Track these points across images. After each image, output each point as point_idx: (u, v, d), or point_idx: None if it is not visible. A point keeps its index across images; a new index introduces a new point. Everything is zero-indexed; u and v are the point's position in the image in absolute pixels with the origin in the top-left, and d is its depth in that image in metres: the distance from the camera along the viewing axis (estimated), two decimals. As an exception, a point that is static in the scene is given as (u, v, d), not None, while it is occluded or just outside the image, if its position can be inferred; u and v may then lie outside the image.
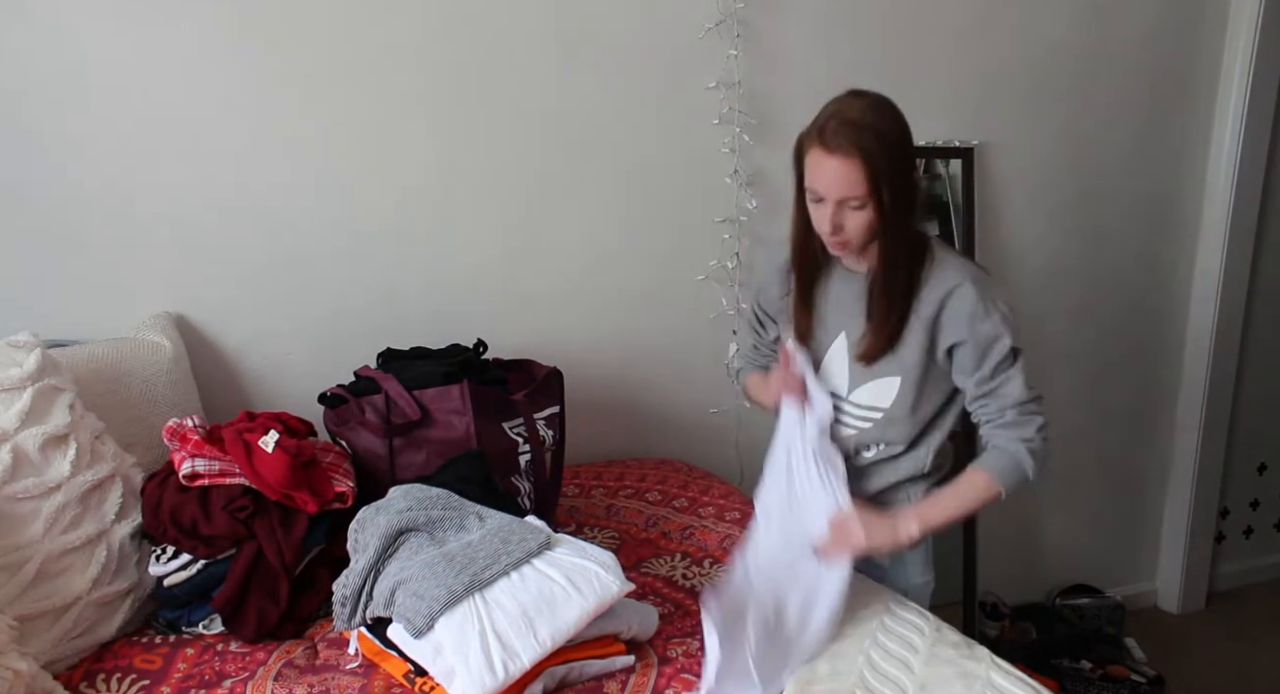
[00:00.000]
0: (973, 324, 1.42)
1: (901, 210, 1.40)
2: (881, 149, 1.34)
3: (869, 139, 1.34)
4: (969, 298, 1.42)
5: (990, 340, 1.42)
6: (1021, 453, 1.43)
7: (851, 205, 1.38)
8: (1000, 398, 1.44)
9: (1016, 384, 1.43)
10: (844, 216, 1.39)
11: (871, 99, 1.40)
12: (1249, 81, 2.56)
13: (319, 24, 1.85)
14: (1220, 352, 2.76)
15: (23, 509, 1.36)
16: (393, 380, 1.66)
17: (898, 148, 1.37)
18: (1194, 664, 2.67)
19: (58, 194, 1.76)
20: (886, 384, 1.51)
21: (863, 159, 1.34)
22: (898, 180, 1.37)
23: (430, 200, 2.00)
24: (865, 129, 1.34)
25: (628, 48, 2.06)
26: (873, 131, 1.34)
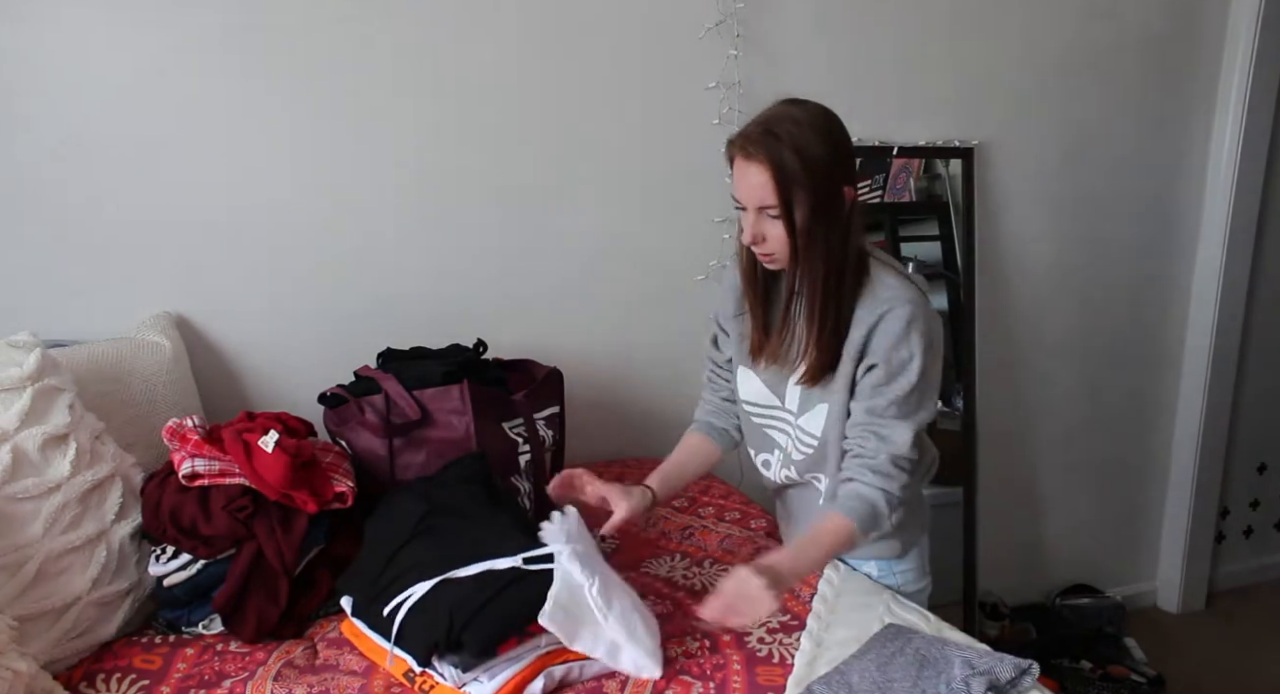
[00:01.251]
0: (891, 350, 1.36)
1: (821, 224, 1.33)
2: (797, 157, 1.29)
3: (783, 146, 1.29)
4: (898, 321, 1.35)
5: (898, 370, 1.36)
6: (881, 505, 1.37)
7: (770, 214, 1.33)
8: (884, 441, 1.37)
9: (905, 434, 1.37)
10: (764, 226, 1.35)
11: (803, 108, 1.35)
12: (1249, 81, 2.56)
13: (319, 25, 1.85)
14: (1220, 352, 2.76)
15: (23, 509, 1.36)
16: (393, 380, 1.66)
17: (818, 159, 1.30)
18: (1194, 664, 2.67)
19: (58, 194, 1.77)
20: (818, 411, 1.47)
21: (772, 166, 1.29)
22: (817, 192, 1.31)
23: (430, 200, 2.00)
24: (782, 137, 1.30)
25: (628, 48, 2.06)
26: (790, 139, 1.29)
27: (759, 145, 1.31)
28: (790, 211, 1.32)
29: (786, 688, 1.26)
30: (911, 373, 1.36)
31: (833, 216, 1.34)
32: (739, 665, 1.32)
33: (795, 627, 1.43)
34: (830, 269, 1.37)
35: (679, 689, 1.27)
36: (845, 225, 1.36)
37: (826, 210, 1.33)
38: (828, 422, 1.45)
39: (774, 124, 1.32)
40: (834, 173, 1.33)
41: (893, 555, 1.56)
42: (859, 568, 1.59)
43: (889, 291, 1.38)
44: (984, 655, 1.25)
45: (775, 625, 1.43)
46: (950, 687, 1.19)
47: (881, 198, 2.36)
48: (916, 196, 2.40)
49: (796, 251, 1.35)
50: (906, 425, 1.38)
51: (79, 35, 1.73)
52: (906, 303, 1.36)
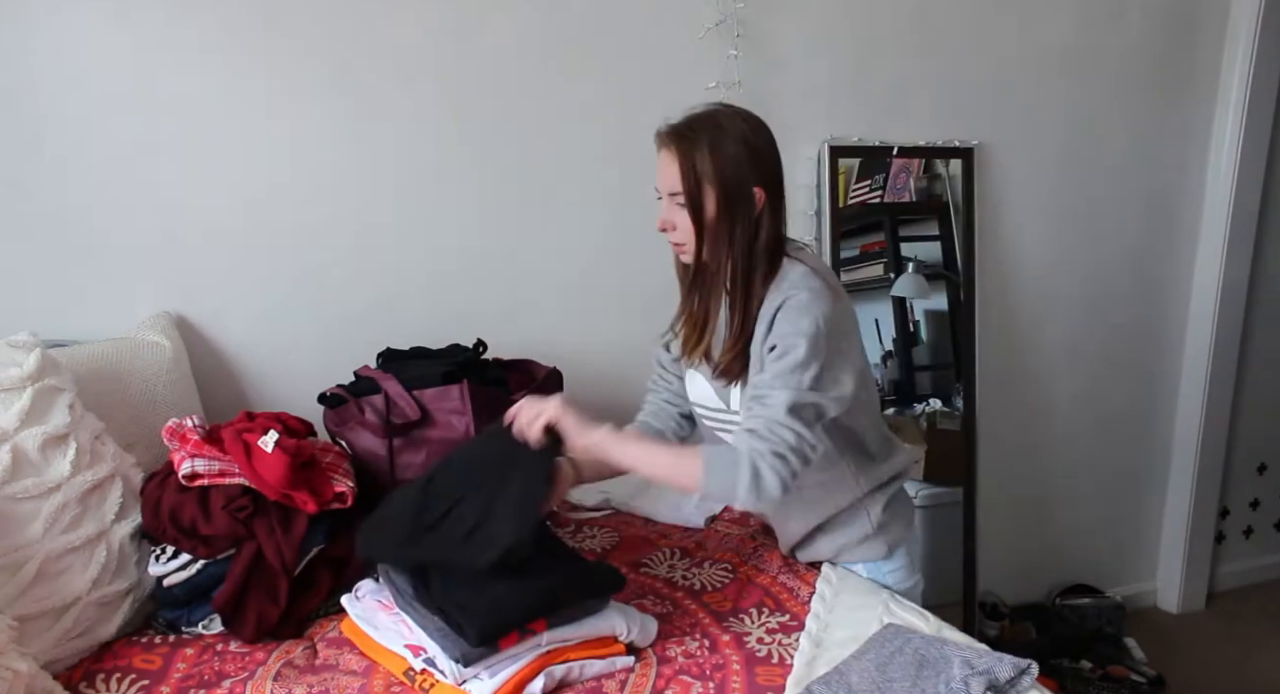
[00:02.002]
0: (785, 332, 1.34)
1: (726, 220, 1.37)
2: (708, 153, 1.34)
3: (698, 141, 1.35)
4: (794, 305, 1.34)
5: (787, 348, 1.33)
6: (745, 466, 1.28)
7: (678, 203, 1.38)
8: (764, 406, 1.32)
9: (783, 401, 1.30)
10: (674, 214, 1.40)
11: (729, 109, 1.40)
12: (1249, 81, 2.56)
13: (319, 25, 1.85)
14: (1220, 351, 2.76)
15: (23, 509, 1.36)
16: (392, 380, 1.66)
17: (729, 157, 1.35)
18: (1194, 664, 2.67)
19: (58, 194, 1.77)
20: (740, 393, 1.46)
21: (682, 157, 1.35)
22: (725, 188, 1.35)
23: (430, 200, 2.00)
24: (699, 132, 1.36)
25: (628, 48, 2.07)
26: (706, 136, 1.35)
27: (675, 137, 1.38)
28: (696, 203, 1.37)
29: (786, 688, 1.26)
30: (799, 349, 1.32)
31: (739, 214, 1.37)
32: (738, 665, 1.32)
33: (795, 627, 1.43)
34: (735, 266, 1.40)
35: (679, 689, 1.27)
36: (753, 225, 1.39)
37: (732, 208, 1.37)
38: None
39: (696, 120, 1.38)
40: (744, 173, 1.36)
41: (879, 557, 1.56)
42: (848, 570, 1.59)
43: (788, 282, 1.38)
44: (983, 655, 1.25)
45: (775, 626, 1.44)
46: (949, 686, 1.19)
47: (881, 198, 2.36)
48: (916, 196, 2.40)
49: (700, 244, 1.40)
50: (787, 394, 1.31)
51: (79, 35, 1.73)
52: (803, 289, 1.35)
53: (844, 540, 1.56)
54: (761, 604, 1.51)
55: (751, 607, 1.50)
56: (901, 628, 1.36)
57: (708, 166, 1.35)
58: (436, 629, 1.26)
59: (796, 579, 1.58)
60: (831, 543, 1.57)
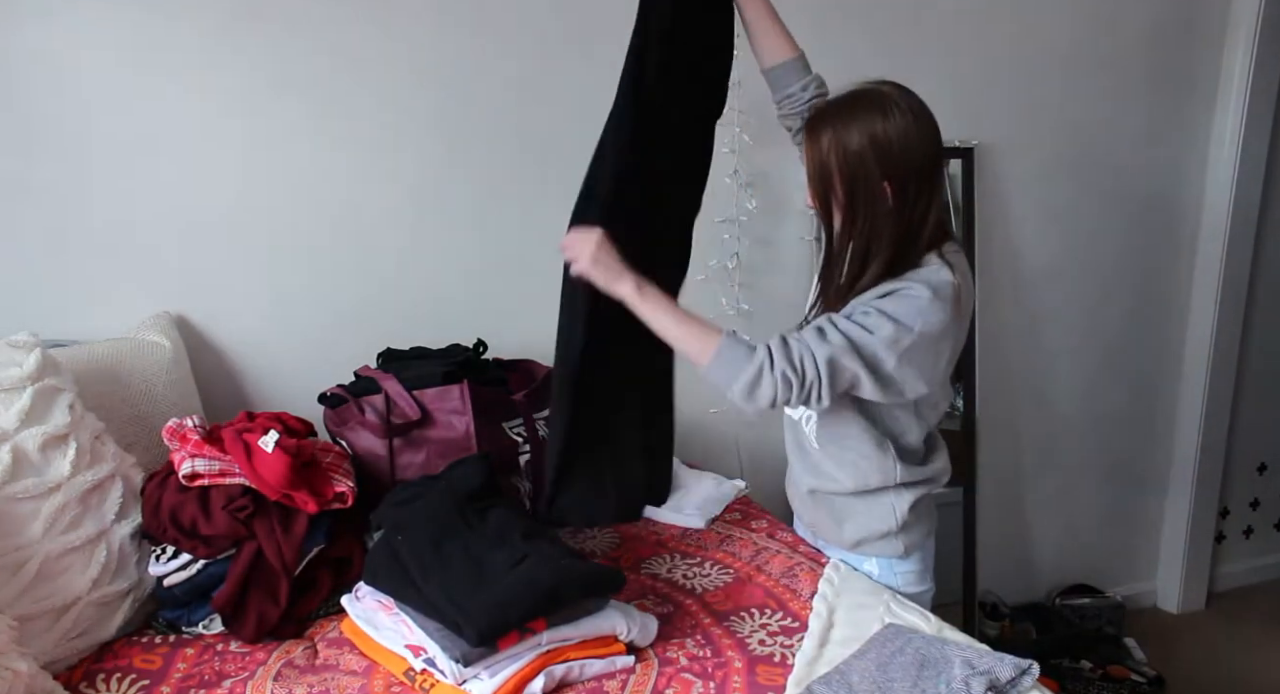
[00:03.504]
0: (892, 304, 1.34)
1: (849, 208, 1.39)
2: (831, 142, 1.37)
3: (823, 128, 1.39)
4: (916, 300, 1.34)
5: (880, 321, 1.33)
6: (753, 365, 1.32)
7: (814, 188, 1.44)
8: (817, 335, 1.35)
9: (831, 346, 1.32)
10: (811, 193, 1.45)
11: (875, 96, 1.39)
12: (1249, 81, 2.56)
13: (319, 25, 1.85)
14: (1220, 351, 2.76)
15: (23, 509, 1.36)
16: (392, 380, 1.66)
17: (855, 150, 1.35)
18: (1194, 664, 2.67)
19: (58, 194, 1.77)
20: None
21: (808, 142, 1.41)
22: (846, 179, 1.37)
23: (430, 200, 2.00)
24: (830, 119, 1.39)
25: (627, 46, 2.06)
26: (834, 124, 1.38)
27: (808, 126, 1.43)
28: (819, 190, 1.42)
29: (786, 688, 1.26)
30: (884, 330, 1.33)
31: (859, 206, 1.39)
32: (739, 665, 1.32)
33: (796, 627, 1.43)
34: (855, 253, 1.41)
35: (679, 689, 1.27)
36: (877, 218, 1.38)
37: (853, 199, 1.39)
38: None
39: (831, 109, 1.41)
40: (867, 168, 1.36)
41: (895, 554, 1.56)
42: (859, 565, 1.59)
43: (922, 274, 1.38)
44: (984, 655, 1.25)
45: (776, 627, 1.44)
46: (950, 686, 1.19)
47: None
48: (916, 196, 2.39)
49: (830, 224, 1.45)
50: (840, 345, 1.33)
51: (80, 35, 1.73)
52: (928, 290, 1.35)
53: (865, 532, 1.56)
54: (763, 604, 1.51)
55: (752, 607, 1.50)
56: (902, 628, 1.36)
57: (830, 158, 1.38)
58: (436, 629, 1.26)
59: (798, 580, 1.58)
60: (854, 530, 1.57)
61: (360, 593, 1.42)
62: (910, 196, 1.38)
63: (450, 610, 1.24)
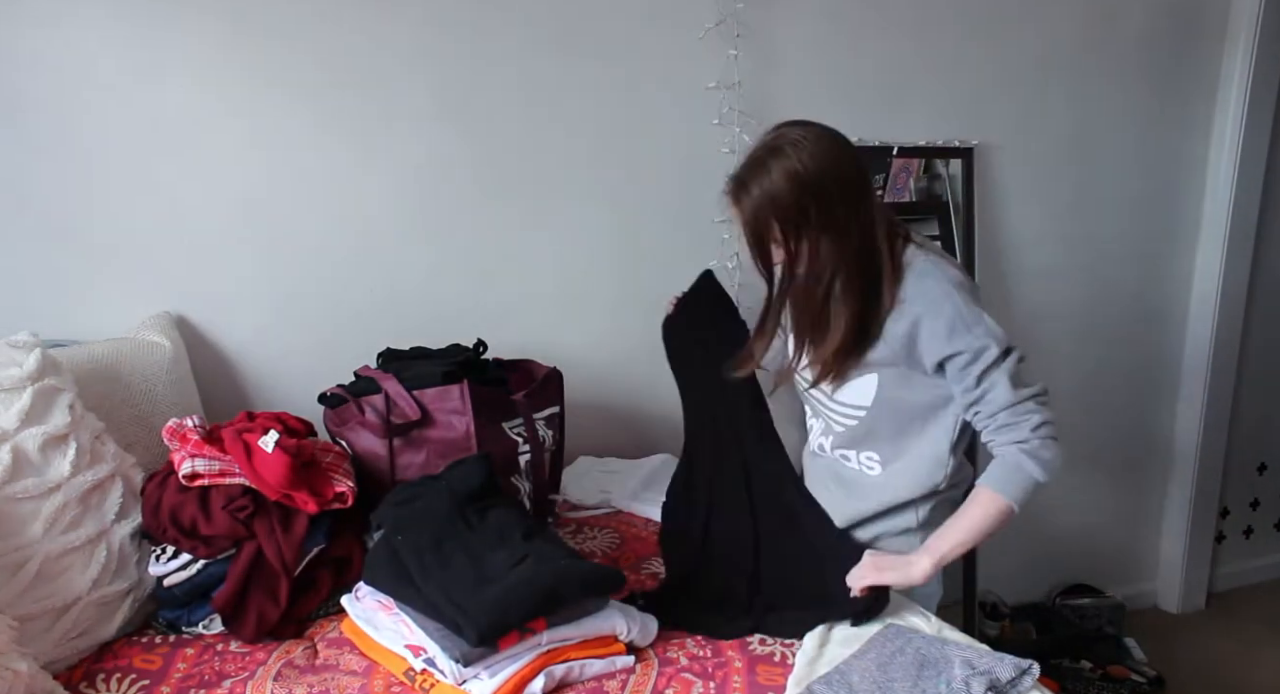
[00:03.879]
0: (952, 341, 1.39)
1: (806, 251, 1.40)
2: (764, 198, 1.37)
3: (747, 190, 1.38)
4: (939, 320, 1.39)
5: (974, 353, 1.38)
6: (1020, 458, 1.37)
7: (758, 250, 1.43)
8: (989, 404, 1.39)
9: (1002, 387, 1.37)
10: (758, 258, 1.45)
11: (783, 140, 1.39)
12: (1249, 81, 2.56)
13: (319, 25, 1.85)
14: (1220, 351, 2.76)
15: (23, 509, 1.36)
16: (392, 380, 1.66)
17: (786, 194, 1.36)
18: (1194, 664, 2.67)
19: (58, 194, 1.77)
20: (865, 382, 1.50)
21: (739, 211, 1.40)
22: (790, 224, 1.38)
23: (430, 200, 2.00)
24: (749, 179, 1.38)
25: (627, 48, 2.06)
26: (756, 181, 1.37)
27: (731, 197, 1.42)
28: (764, 250, 1.42)
29: (787, 687, 1.26)
30: (987, 348, 1.38)
31: (814, 241, 1.40)
32: (740, 665, 1.32)
33: (795, 626, 1.43)
34: (824, 287, 1.43)
35: (680, 688, 1.27)
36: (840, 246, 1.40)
37: (808, 241, 1.40)
38: (879, 391, 1.50)
39: (746, 170, 1.40)
40: (805, 205, 1.37)
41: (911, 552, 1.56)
42: None
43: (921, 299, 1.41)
44: (984, 655, 1.25)
45: (775, 625, 1.43)
46: (950, 686, 1.19)
47: (882, 197, 2.36)
48: (916, 196, 2.40)
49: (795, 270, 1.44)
50: (998, 379, 1.38)
51: (81, 35, 1.73)
52: (930, 300, 1.40)
53: (884, 528, 1.57)
54: (762, 604, 1.51)
55: (752, 606, 1.50)
56: (903, 628, 1.36)
57: (766, 215, 1.38)
58: (436, 629, 1.26)
59: (797, 579, 1.58)
60: (872, 529, 1.58)
61: (360, 593, 1.42)
62: (855, 215, 1.40)
63: (450, 610, 1.24)
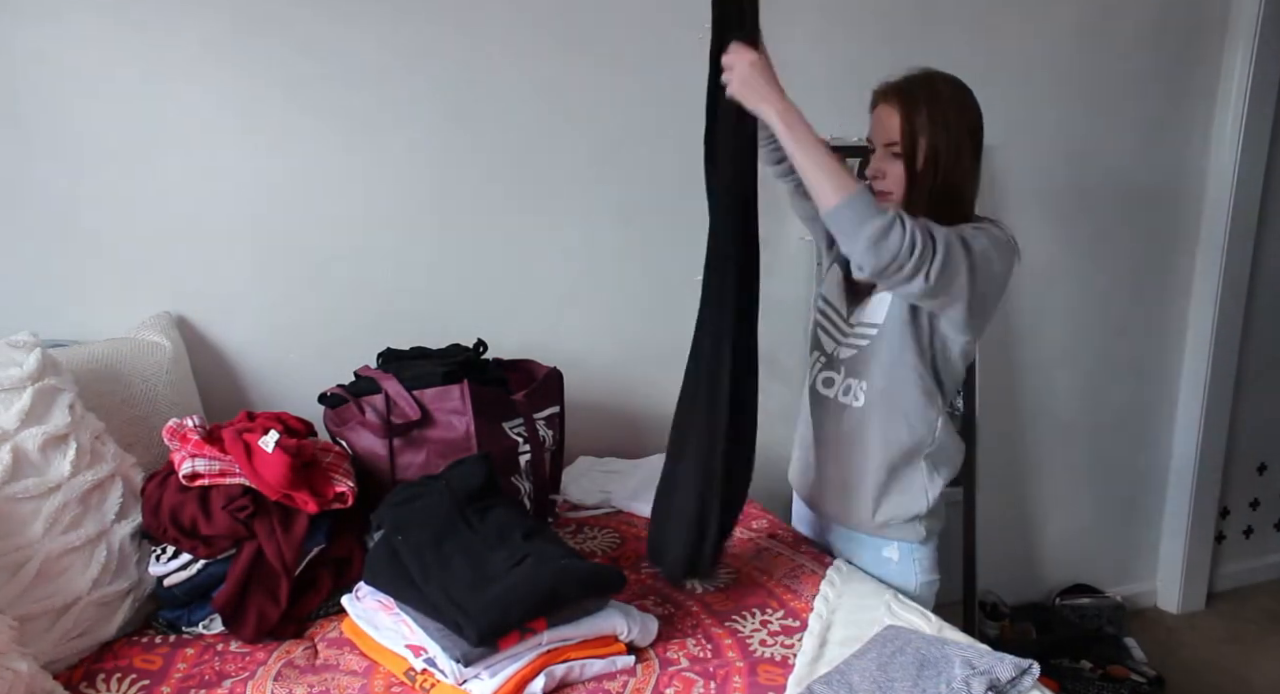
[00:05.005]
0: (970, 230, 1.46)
1: (931, 174, 1.48)
2: (924, 106, 1.48)
3: (913, 94, 1.50)
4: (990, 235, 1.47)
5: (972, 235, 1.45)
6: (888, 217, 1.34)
7: (893, 152, 1.51)
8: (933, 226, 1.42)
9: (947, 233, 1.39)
10: (886, 163, 1.53)
11: (941, 74, 1.53)
12: (1249, 81, 2.56)
13: (319, 25, 1.85)
14: (1220, 351, 2.76)
15: (23, 509, 1.35)
16: (393, 380, 1.66)
17: (944, 113, 1.48)
18: (1194, 664, 2.67)
19: (58, 194, 1.76)
20: (880, 299, 1.56)
21: (901, 106, 1.50)
22: (937, 142, 1.48)
23: (430, 200, 2.00)
24: (915, 86, 1.51)
25: (627, 48, 2.06)
26: (922, 90, 1.50)
27: (899, 94, 1.52)
28: (910, 155, 1.50)
29: (787, 687, 1.26)
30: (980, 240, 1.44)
31: (940, 173, 1.49)
32: (740, 665, 1.32)
33: (797, 627, 1.43)
34: (927, 212, 1.46)
35: (680, 688, 1.27)
36: (956, 188, 1.51)
37: (937, 165, 1.49)
38: (890, 309, 1.54)
39: (915, 81, 1.53)
40: (951, 136, 1.49)
41: (917, 540, 1.60)
42: (882, 549, 1.61)
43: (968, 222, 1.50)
44: (984, 655, 1.25)
45: (777, 627, 1.44)
46: (950, 686, 1.19)
47: (882, 198, 2.36)
48: (917, 196, 2.40)
49: (909, 192, 1.51)
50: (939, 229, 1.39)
51: (81, 35, 1.72)
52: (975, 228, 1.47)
53: (897, 510, 1.58)
54: (764, 604, 1.51)
55: (754, 607, 1.50)
56: (903, 628, 1.36)
57: (924, 125, 1.48)
58: (437, 629, 1.26)
59: (799, 580, 1.58)
60: (885, 511, 1.59)
61: (360, 593, 1.42)
62: (974, 167, 1.54)
63: (450, 610, 1.24)
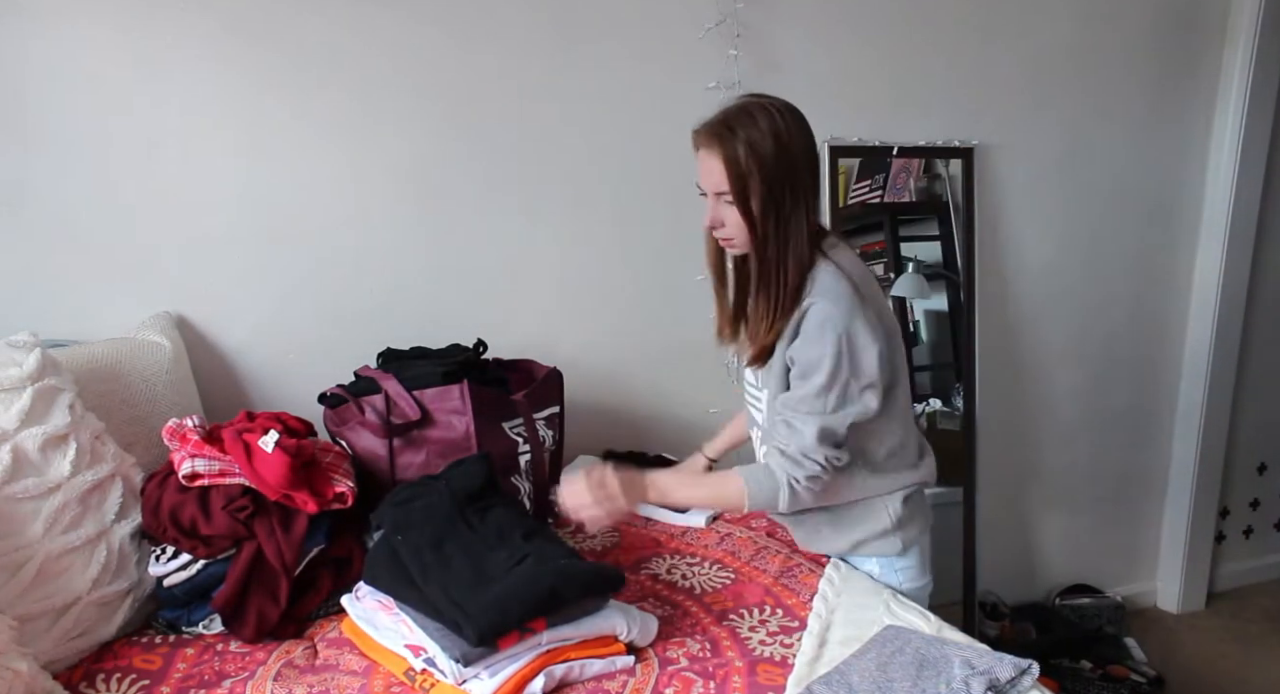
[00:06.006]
0: (805, 346, 1.41)
1: (774, 210, 1.40)
2: (749, 150, 1.37)
3: (737, 140, 1.38)
4: (814, 318, 1.40)
5: (809, 369, 1.40)
6: (784, 486, 1.41)
7: (725, 200, 1.42)
8: (794, 432, 1.42)
9: (811, 430, 1.39)
10: (722, 211, 1.44)
11: (762, 101, 1.42)
12: (1249, 81, 2.56)
13: (320, 27, 1.85)
14: (1220, 351, 2.76)
15: (23, 509, 1.36)
16: (392, 380, 1.66)
17: (769, 148, 1.37)
18: (1194, 664, 2.67)
19: (58, 194, 1.77)
20: (762, 396, 1.53)
21: (722, 150, 1.38)
22: (768, 180, 1.38)
23: (430, 200, 2.00)
24: (736, 124, 1.38)
25: (627, 48, 2.06)
26: (743, 128, 1.38)
27: (716, 136, 1.40)
28: (745, 199, 1.40)
29: (787, 688, 1.26)
30: (821, 374, 1.39)
31: (782, 207, 1.40)
32: (740, 665, 1.32)
33: (796, 627, 1.43)
34: (780, 256, 1.42)
35: (680, 688, 1.27)
36: (798, 218, 1.41)
37: (775, 200, 1.40)
38: (767, 408, 1.53)
39: (732, 117, 1.40)
40: (782, 165, 1.38)
41: (894, 553, 1.56)
42: (860, 566, 1.60)
43: (817, 286, 1.42)
44: (984, 655, 1.25)
45: (776, 627, 1.44)
46: (950, 686, 1.19)
47: (881, 198, 2.36)
48: (916, 196, 2.40)
49: (753, 236, 1.43)
50: (814, 421, 1.40)
51: (81, 35, 1.73)
52: (825, 299, 1.40)
53: (861, 535, 1.56)
54: (762, 604, 1.51)
55: (753, 606, 1.50)
56: (903, 628, 1.36)
57: (750, 161, 1.38)
58: (436, 629, 1.26)
59: (798, 580, 1.58)
60: (848, 536, 1.58)
61: (360, 593, 1.42)
62: (811, 193, 1.43)
63: (450, 610, 1.24)
